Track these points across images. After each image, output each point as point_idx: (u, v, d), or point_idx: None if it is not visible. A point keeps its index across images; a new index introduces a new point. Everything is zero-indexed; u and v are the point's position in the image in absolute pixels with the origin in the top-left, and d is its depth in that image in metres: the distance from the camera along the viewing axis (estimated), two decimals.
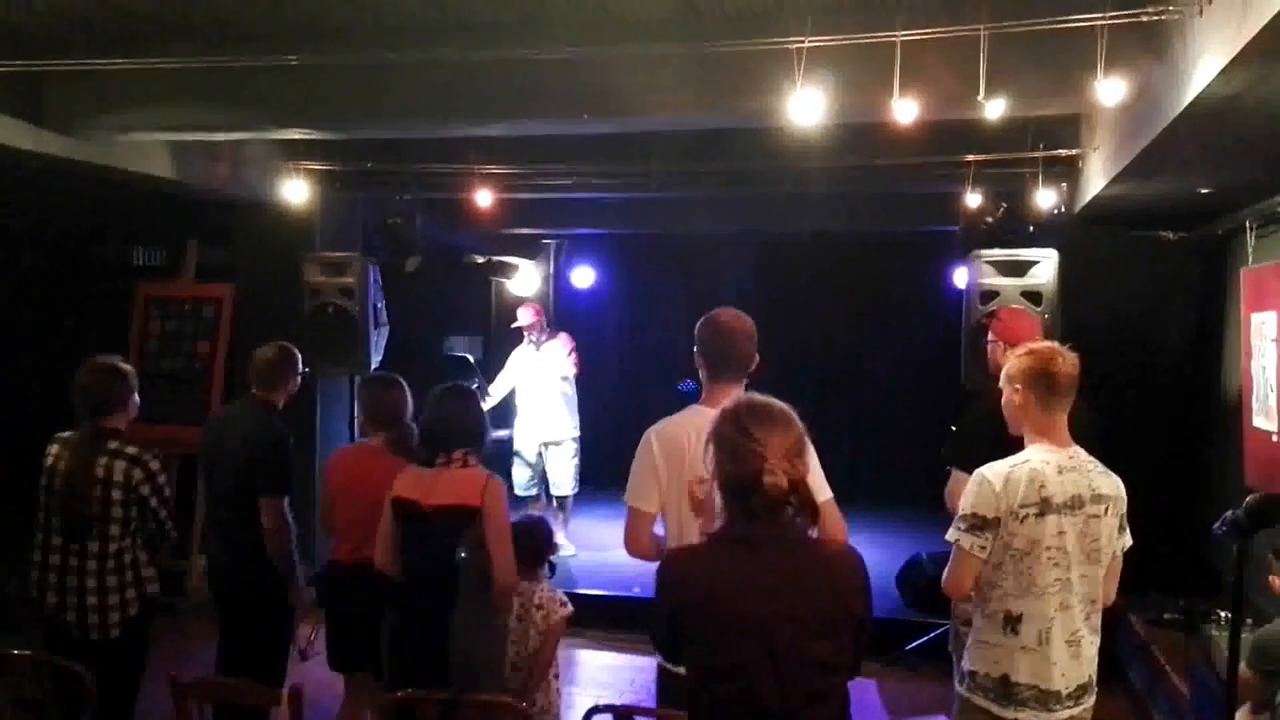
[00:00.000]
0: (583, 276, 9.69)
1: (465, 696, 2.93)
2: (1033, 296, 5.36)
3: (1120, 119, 4.32)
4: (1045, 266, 5.41)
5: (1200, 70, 2.96)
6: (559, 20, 4.20)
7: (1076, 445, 2.90)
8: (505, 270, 9.38)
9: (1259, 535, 3.18)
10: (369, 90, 4.61)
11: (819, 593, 2.18)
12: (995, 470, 2.83)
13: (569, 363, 7.39)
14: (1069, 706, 2.81)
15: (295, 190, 6.20)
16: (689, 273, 9.48)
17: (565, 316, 9.12)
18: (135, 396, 3.78)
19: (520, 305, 7.75)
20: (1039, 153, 5.41)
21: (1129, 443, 4.49)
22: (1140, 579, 3.33)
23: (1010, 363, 2.99)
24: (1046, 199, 5.63)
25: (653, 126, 5.20)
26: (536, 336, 7.46)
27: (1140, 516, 3.03)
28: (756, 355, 3.08)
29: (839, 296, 9.44)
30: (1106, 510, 2.82)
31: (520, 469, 7.52)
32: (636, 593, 6.20)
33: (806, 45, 3.69)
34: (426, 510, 3.45)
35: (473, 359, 8.47)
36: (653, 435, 2.99)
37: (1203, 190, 4.91)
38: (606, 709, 2.92)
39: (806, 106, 3.73)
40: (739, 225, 8.05)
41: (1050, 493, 2.77)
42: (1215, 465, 5.68)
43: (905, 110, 3.73)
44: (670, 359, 8.60)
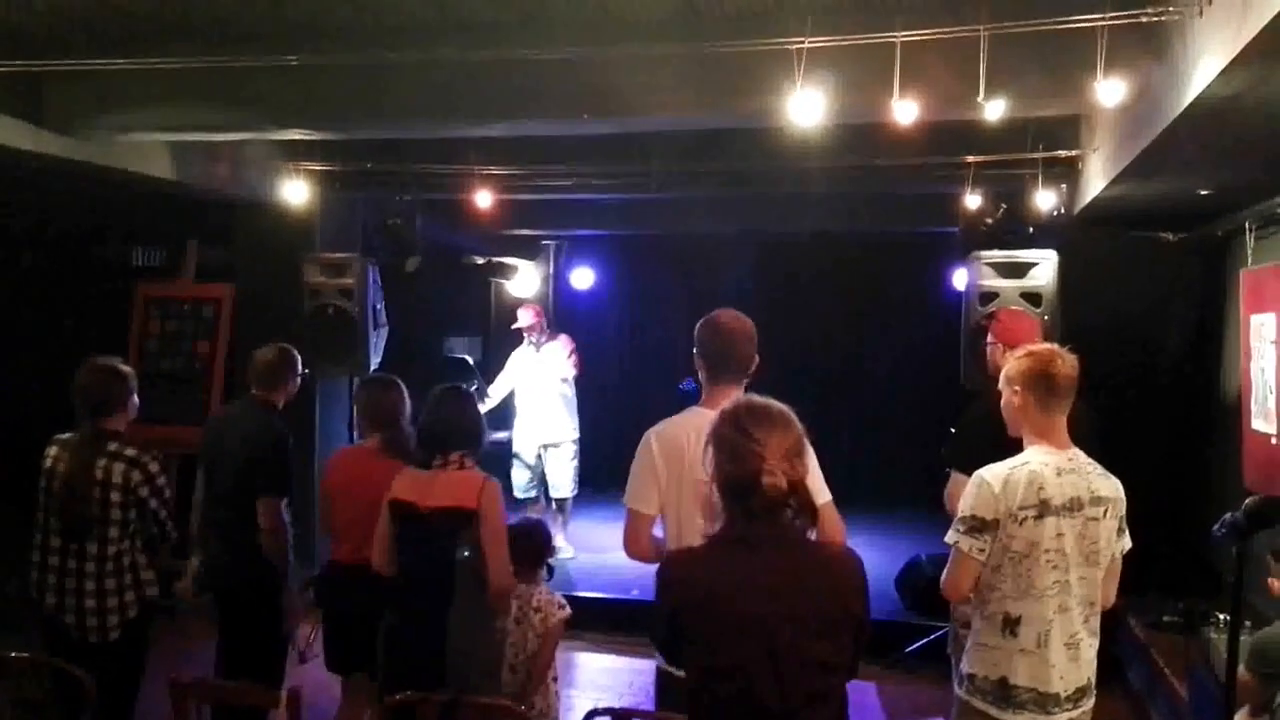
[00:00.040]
0: (582, 278, 9.69)
1: (464, 698, 2.93)
2: (1032, 298, 5.35)
3: (1120, 120, 4.32)
4: (1045, 268, 5.40)
5: (1200, 71, 2.96)
6: (559, 20, 4.20)
7: (1076, 447, 2.90)
8: (505, 271, 9.38)
9: (1258, 537, 3.18)
10: (369, 90, 4.61)
11: (819, 593, 2.19)
12: (994, 472, 2.83)
13: (569, 364, 7.38)
14: (1068, 709, 2.81)
15: (295, 190, 6.20)
16: (689, 273, 9.48)
17: (565, 318, 9.10)
18: (134, 398, 3.78)
19: (520, 306, 7.74)
20: (1039, 154, 5.41)
21: (1129, 443, 4.49)
22: (1140, 580, 3.32)
23: (1009, 364, 2.98)
24: (1046, 200, 5.63)
25: (652, 127, 5.20)
26: (536, 338, 7.45)
27: (1140, 517, 3.03)
28: (756, 357, 3.07)
29: (839, 297, 9.42)
30: (1105, 512, 2.82)
31: (519, 471, 7.51)
32: (636, 595, 6.20)
33: (806, 46, 3.68)
34: (423, 512, 3.44)
35: (472, 360, 8.46)
36: (652, 437, 2.99)
37: (1202, 191, 4.91)
38: (605, 712, 2.92)
39: (806, 107, 3.73)
40: (739, 226, 8.04)
41: (1049, 495, 2.77)
42: (1215, 466, 5.68)
43: (905, 111, 3.73)
44: (670, 360, 8.58)
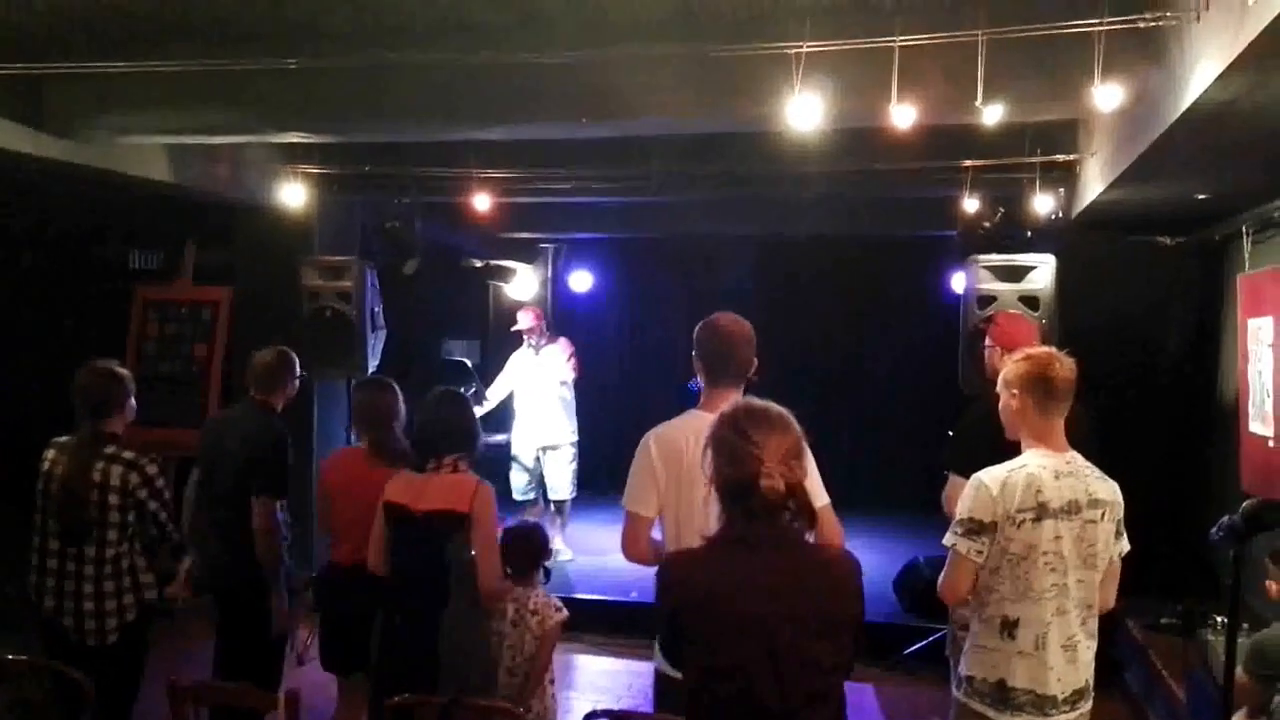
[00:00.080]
0: (580, 281, 9.69)
1: (463, 700, 2.93)
2: (1030, 301, 5.36)
3: (1118, 124, 4.33)
4: (1043, 271, 5.41)
5: (1197, 76, 2.97)
6: (558, 22, 4.21)
7: (1073, 450, 2.90)
8: (504, 274, 9.38)
9: (1256, 540, 3.20)
10: (368, 92, 4.61)
11: (819, 593, 2.19)
12: (992, 475, 2.83)
13: (568, 368, 7.37)
14: (1065, 711, 2.81)
15: (293, 193, 6.20)
16: (688, 276, 9.49)
17: (564, 320, 9.10)
18: (132, 400, 3.78)
19: (519, 309, 7.74)
20: (1036, 158, 5.42)
21: (1127, 446, 4.51)
22: (1140, 580, 3.33)
23: (1007, 368, 2.99)
24: (1044, 204, 5.64)
25: (652, 129, 5.21)
26: (536, 340, 7.44)
27: (1140, 518, 3.03)
28: (755, 360, 3.07)
29: (838, 300, 9.43)
30: (1103, 515, 2.82)
31: (518, 473, 7.51)
32: (634, 597, 6.20)
33: (805, 50, 3.69)
34: (416, 515, 3.45)
35: (470, 363, 8.47)
36: (651, 439, 2.99)
37: (1200, 195, 4.92)
38: (604, 714, 2.92)
39: (805, 111, 3.73)
40: (738, 228, 8.05)
41: (1047, 498, 2.77)
42: (1215, 466, 5.69)
43: (903, 115, 3.73)
44: (669, 363, 8.59)
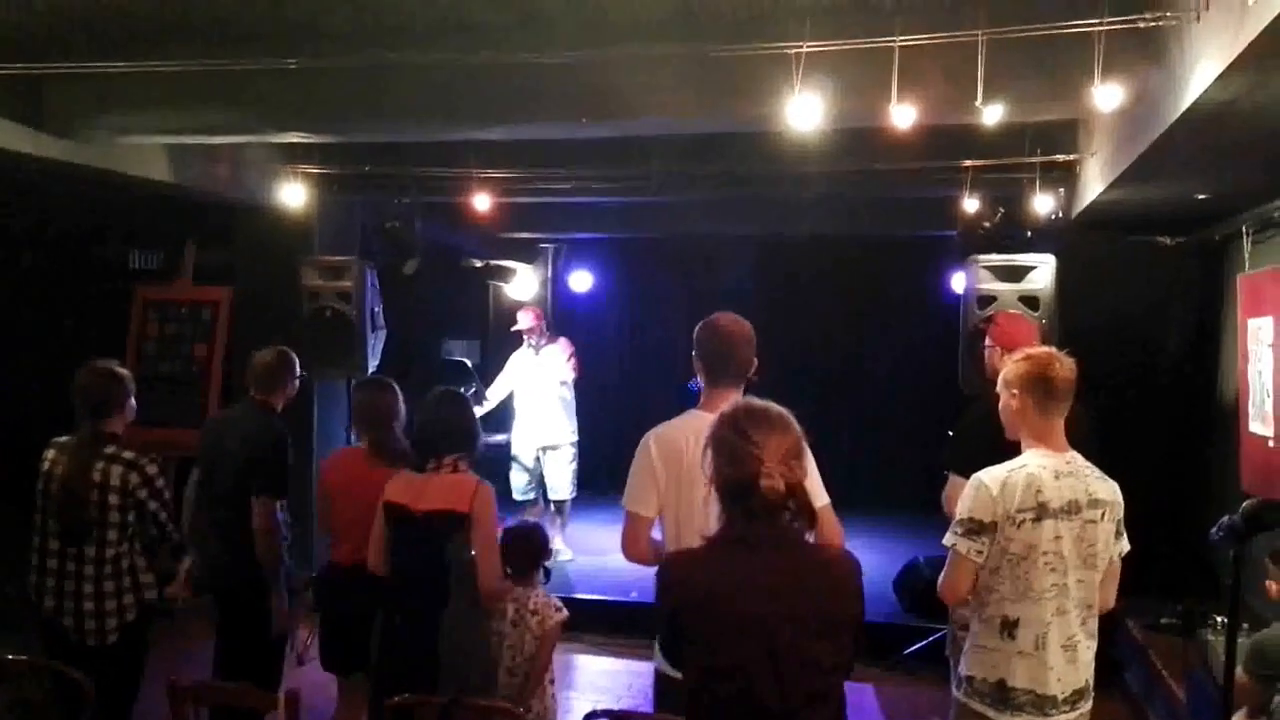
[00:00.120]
0: (580, 281, 9.69)
1: (463, 700, 2.93)
2: (1030, 301, 5.36)
3: (1117, 124, 4.33)
4: (1043, 271, 5.41)
5: (1197, 76, 2.97)
6: (558, 22, 4.21)
7: (1074, 450, 2.90)
8: (503, 274, 9.38)
9: (1256, 540, 3.20)
10: (368, 92, 4.61)
11: (819, 593, 2.19)
12: (992, 475, 2.83)
13: (568, 368, 7.37)
14: (1065, 711, 2.81)
15: (294, 193, 6.20)
16: (688, 276, 9.49)
17: (564, 320, 9.10)
18: (132, 400, 3.78)
19: (519, 309, 7.75)
20: (1036, 158, 5.42)
21: (1128, 446, 4.51)
22: (1140, 580, 3.33)
23: (1007, 368, 2.99)
24: (1044, 204, 5.64)
25: (652, 129, 5.21)
26: (536, 340, 7.44)
27: (1140, 518, 3.03)
28: (755, 360, 3.07)
29: (838, 299, 9.43)
30: (1103, 515, 2.82)
31: (518, 473, 7.51)
32: (634, 597, 6.20)
33: (805, 50, 3.69)
34: (416, 515, 3.45)
35: (470, 363, 8.46)
36: (651, 439, 2.99)
37: (1200, 195, 4.92)
38: (604, 714, 2.92)
39: (805, 111, 3.73)
40: (738, 228, 8.05)
41: (1047, 498, 2.77)
42: (1215, 466, 5.69)
43: (903, 115, 3.73)
44: (669, 363, 8.59)
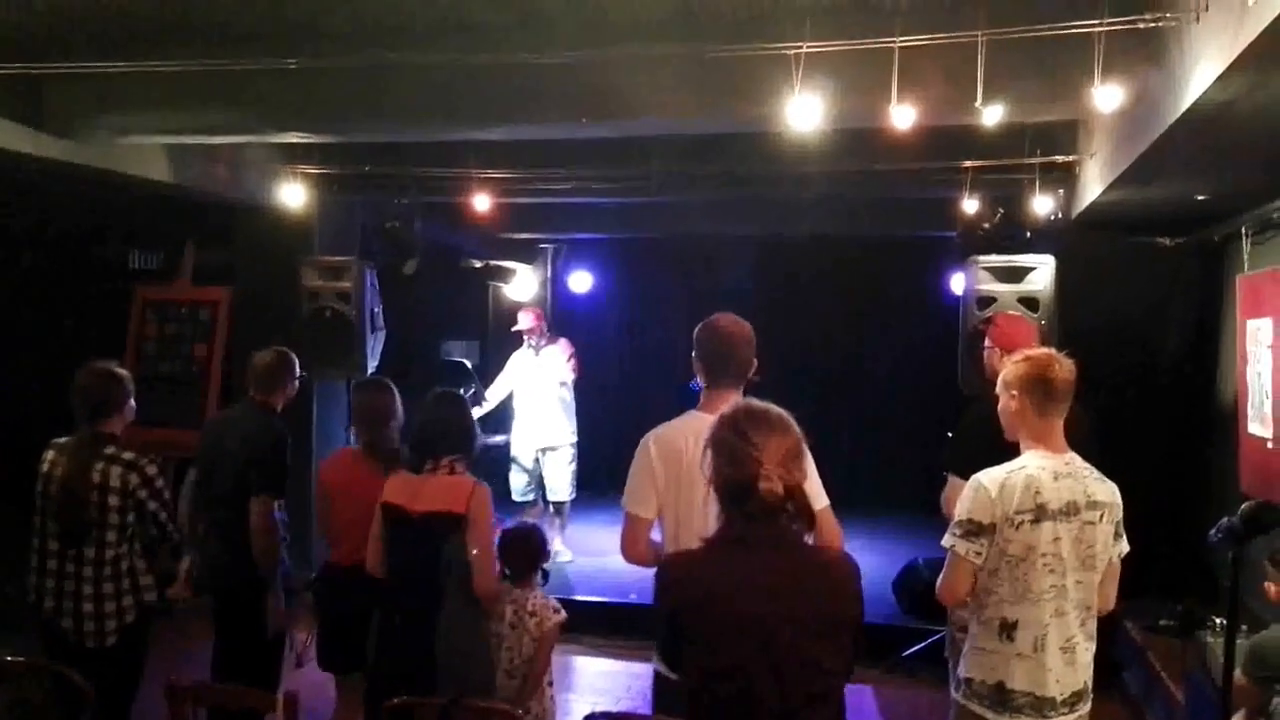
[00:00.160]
0: (580, 281, 9.69)
1: (462, 702, 2.93)
2: (1030, 302, 5.36)
3: (1117, 125, 4.33)
4: (1042, 272, 5.41)
5: (1197, 76, 2.97)
6: (558, 22, 4.21)
7: (1073, 451, 2.90)
8: (503, 275, 9.38)
9: (1255, 542, 3.20)
10: (368, 92, 4.61)
11: (818, 594, 2.19)
12: (991, 476, 2.83)
13: (568, 368, 7.37)
14: (1064, 713, 2.81)
15: (293, 193, 6.20)
16: (688, 275, 9.49)
17: (563, 321, 9.10)
18: (132, 401, 3.78)
19: (519, 309, 7.74)
20: (1036, 158, 5.42)
21: (1127, 447, 4.50)
22: (1139, 582, 3.33)
23: (1007, 369, 2.98)
24: (1043, 205, 5.64)
25: (652, 129, 5.21)
26: (536, 341, 7.44)
27: (1139, 519, 3.03)
28: (755, 361, 3.07)
29: (838, 300, 9.43)
30: (1102, 517, 2.81)
31: (517, 474, 7.51)
32: (634, 599, 6.20)
33: (805, 50, 3.69)
34: (413, 515, 3.45)
35: (470, 364, 8.46)
36: (650, 440, 2.99)
37: (1199, 196, 4.92)
38: (603, 716, 2.92)
39: (804, 111, 3.73)
40: (738, 228, 8.05)
41: (1046, 499, 2.77)
42: (1215, 467, 5.68)
43: (903, 115, 3.73)
44: (669, 363, 8.58)
